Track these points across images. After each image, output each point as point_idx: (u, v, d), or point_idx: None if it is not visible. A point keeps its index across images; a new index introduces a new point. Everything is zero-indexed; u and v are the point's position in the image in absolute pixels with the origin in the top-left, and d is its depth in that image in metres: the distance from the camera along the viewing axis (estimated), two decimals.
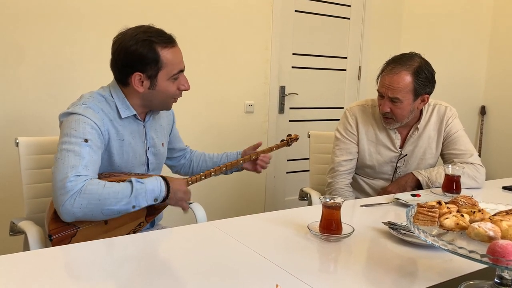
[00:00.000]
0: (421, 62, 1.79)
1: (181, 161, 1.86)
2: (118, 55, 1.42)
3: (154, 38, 1.40)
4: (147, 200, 1.34)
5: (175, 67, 1.45)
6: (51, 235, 1.33)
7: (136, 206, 1.33)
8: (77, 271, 1.00)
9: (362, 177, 2.04)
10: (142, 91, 1.44)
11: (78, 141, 1.32)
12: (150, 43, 1.39)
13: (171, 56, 1.43)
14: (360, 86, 3.76)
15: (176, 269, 1.01)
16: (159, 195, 1.37)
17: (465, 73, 3.91)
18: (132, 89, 1.44)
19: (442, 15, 3.85)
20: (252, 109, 3.20)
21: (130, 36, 1.40)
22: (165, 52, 1.42)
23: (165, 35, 1.44)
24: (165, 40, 1.42)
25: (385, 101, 1.81)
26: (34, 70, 2.38)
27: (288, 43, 3.34)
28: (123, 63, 1.42)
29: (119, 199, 1.30)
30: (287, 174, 3.51)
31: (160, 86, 1.44)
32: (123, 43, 1.40)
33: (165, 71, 1.43)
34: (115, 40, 1.44)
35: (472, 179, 1.85)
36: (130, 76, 1.42)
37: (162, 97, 1.48)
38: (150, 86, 1.44)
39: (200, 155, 1.87)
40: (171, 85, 1.46)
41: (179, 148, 1.83)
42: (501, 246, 0.78)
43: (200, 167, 1.85)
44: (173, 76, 1.45)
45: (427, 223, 0.97)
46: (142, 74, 1.41)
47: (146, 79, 1.43)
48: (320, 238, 1.22)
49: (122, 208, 1.31)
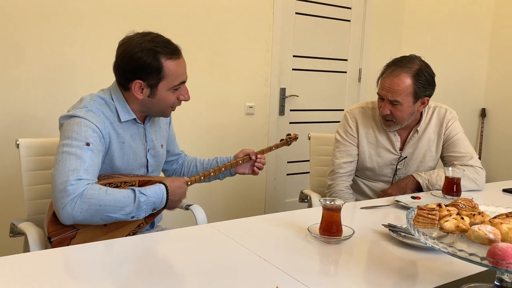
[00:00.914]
0: (421, 64, 1.79)
1: (173, 166, 1.83)
2: (122, 60, 1.42)
3: (159, 48, 1.40)
4: (146, 212, 1.37)
5: (178, 79, 1.45)
6: (50, 237, 1.33)
7: (135, 217, 1.35)
8: (77, 273, 1.00)
9: (362, 179, 2.04)
10: (141, 98, 1.44)
11: (80, 144, 1.32)
12: (155, 53, 1.39)
13: (175, 68, 1.43)
14: (361, 88, 3.76)
15: (176, 271, 1.01)
16: (159, 206, 1.40)
17: (465, 75, 3.91)
18: (132, 95, 1.44)
19: (442, 18, 3.86)
20: (252, 111, 3.20)
21: (136, 43, 1.40)
22: (169, 63, 1.41)
23: (171, 46, 1.43)
24: (170, 51, 1.42)
25: (385, 103, 1.81)
26: (34, 70, 2.38)
27: (288, 45, 3.35)
28: (125, 69, 1.42)
29: (119, 208, 1.30)
30: (287, 176, 3.51)
31: (160, 95, 1.44)
32: (128, 49, 1.40)
33: (167, 81, 1.43)
34: (121, 44, 1.44)
35: (472, 181, 1.85)
36: (131, 83, 1.42)
37: (161, 105, 1.47)
38: (150, 95, 1.44)
39: (192, 160, 1.84)
40: (171, 95, 1.46)
41: (173, 152, 1.80)
42: (501, 249, 0.78)
43: (191, 172, 1.82)
44: (174, 87, 1.45)
45: (427, 225, 0.97)
46: (143, 82, 1.41)
47: (146, 87, 1.42)
48: (320, 240, 1.22)
49: (122, 218, 1.33)
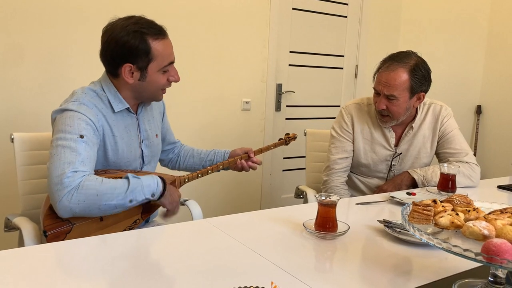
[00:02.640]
0: (417, 60, 1.80)
1: (169, 155, 1.83)
2: (108, 46, 1.40)
3: (145, 30, 1.39)
4: (144, 194, 1.34)
5: (166, 59, 1.44)
6: (46, 231, 1.32)
7: (133, 201, 1.32)
8: (72, 267, 1.00)
9: (357, 175, 2.04)
10: (132, 82, 1.43)
11: (74, 137, 1.31)
12: (142, 35, 1.38)
13: (162, 48, 1.42)
14: (357, 84, 3.76)
15: (171, 266, 1.01)
16: (156, 190, 1.37)
17: (461, 72, 3.92)
18: (123, 81, 1.43)
19: (439, 15, 3.86)
20: (249, 107, 3.20)
21: (121, 27, 1.38)
22: (156, 43, 1.41)
23: (156, 26, 1.43)
24: (156, 31, 1.41)
25: (381, 98, 1.81)
26: (28, 65, 2.36)
27: (285, 41, 3.34)
28: (113, 54, 1.41)
29: (116, 194, 1.29)
30: (283, 172, 3.52)
31: (150, 77, 1.44)
32: (113, 34, 1.39)
33: (156, 62, 1.42)
34: (105, 30, 1.42)
35: (467, 178, 1.86)
36: (120, 67, 1.41)
37: (152, 88, 1.47)
38: (141, 78, 1.43)
39: (189, 150, 1.85)
40: (161, 76, 1.46)
41: (169, 141, 1.80)
42: (496, 244, 0.79)
43: (187, 162, 1.82)
44: (163, 68, 1.45)
45: (422, 221, 0.97)
46: (132, 66, 1.41)
47: (136, 70, 1.42)
48: (316, 236, 1.22)
49: (119, 203, 1.30)
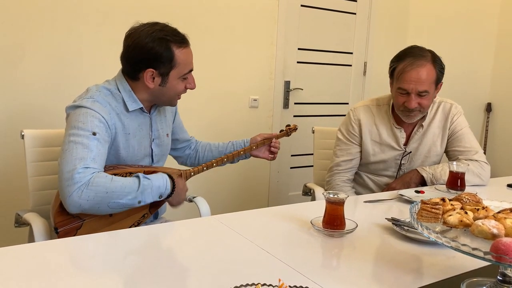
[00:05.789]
0: (430, 50, 1.80)
1: (186, 152, 1.86)
2: (133, 50, 1.43)
3: (170, 37, 1.43)
4: (153, 197, 1.37)
5: (187, 67, 1.49)
6: (57, 228, 1.34)
7: (142, 202, 1.36)
8: (82, 263, 1.01)
9: (367, 173, 2.03)
10: (152, 87, 1.46)
11: (86, 134, 1.33)
12: (166, 42, 1.42)
13: (185, 56, 1.47)
14: (366, 81, 3.74)
15: (179, 262, 1.02)
16: (164, 192, 1.40)
17: (471, 70, 3.88)
18: (142, 84, 1.46)
19: (448, 11, 3.82)
20: (256, 104, 3.20)
21: (146, 33, 1.42)
22: (179, 51, 1.45)
23: (179, 34, 1.47)
24: (180, 40, 1.46)
25: (412, 96, 1.76)
26: (39, 61, 2.38)
27: (293, 38, 3.33)
28: (136, 59, 1.44)
29: (126, 193, 1.31)
30: (291, 169, 3.51)
31: (170, 83, 1.48)
32: (138, 39, 1.42)
33: (177, 70, 1.46)
34: (129, 34, 1.45)
35: (476, 176, 1.84)
36: (143, 72, 1.44)
37: (171, 94, 1.51)
38: (161, 83, 1.47)
39: (206, 145, 1.88)
40: (180, 83, 1.50)
41: (183, 138, 1.83)
42: (505, 243, 0.78)
43: (206, 157, 1.86)
44: (183, 75, 1.49)
45: (431, 220, 0.97)
46: (154, 71, 1.44)
47: (158, 76, 1.45)
48: (323, 234, 1.22)
49: (128, 203, 1.33)
